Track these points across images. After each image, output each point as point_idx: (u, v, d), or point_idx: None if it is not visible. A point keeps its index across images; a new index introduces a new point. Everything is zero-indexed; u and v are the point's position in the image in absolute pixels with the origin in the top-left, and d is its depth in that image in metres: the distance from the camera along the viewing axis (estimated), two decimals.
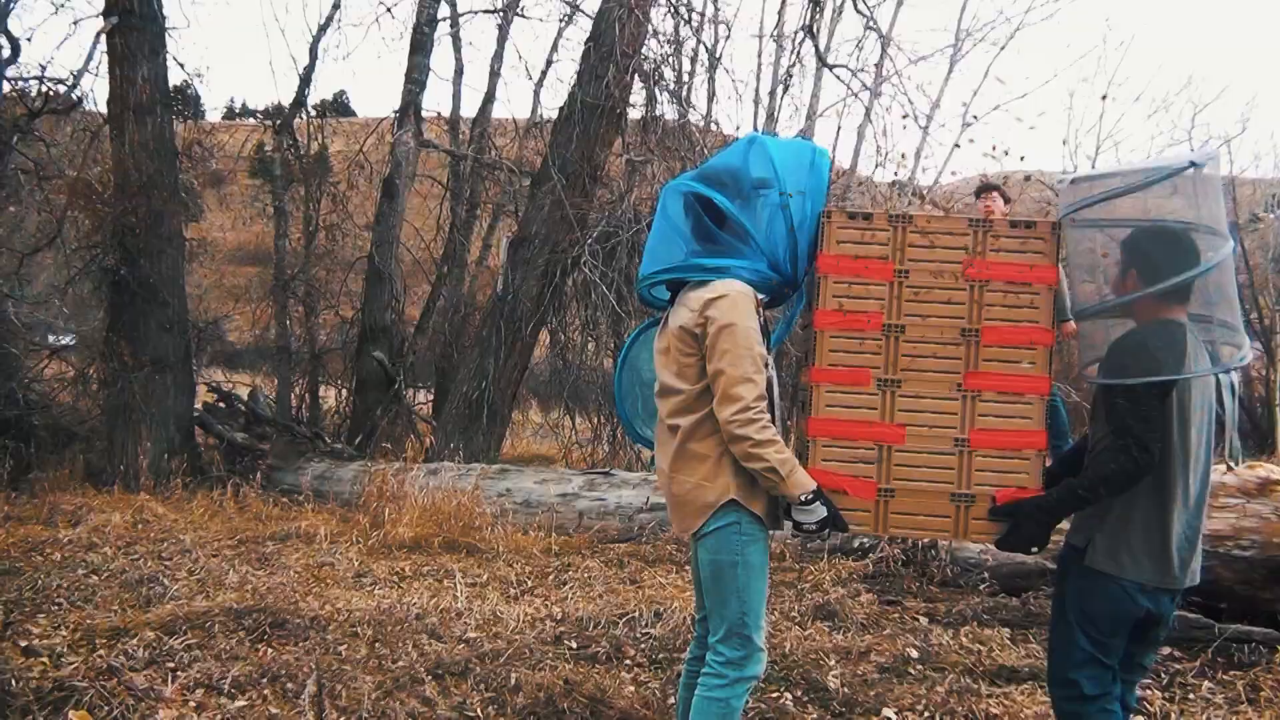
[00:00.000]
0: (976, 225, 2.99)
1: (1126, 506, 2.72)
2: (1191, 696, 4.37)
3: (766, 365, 2.87)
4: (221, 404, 11.84)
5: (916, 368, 2.98)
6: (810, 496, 2.80)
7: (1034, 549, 2.90)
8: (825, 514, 2.82)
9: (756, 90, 16.22)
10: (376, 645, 4.70)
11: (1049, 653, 2.99)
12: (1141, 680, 3.01)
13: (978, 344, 2.96)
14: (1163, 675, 4.54)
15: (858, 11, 12.18)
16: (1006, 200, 7.32)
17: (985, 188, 7.27)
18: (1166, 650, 4.77)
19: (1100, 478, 2.72)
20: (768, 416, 2.79)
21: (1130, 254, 2.76)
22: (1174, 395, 2.66)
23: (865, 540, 6.47)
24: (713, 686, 2.82)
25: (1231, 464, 5.40)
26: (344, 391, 13.76)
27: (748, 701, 4.13)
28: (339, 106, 33.75)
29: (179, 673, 4.25)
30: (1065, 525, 2.99)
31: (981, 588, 5.82)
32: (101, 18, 10.15)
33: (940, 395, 2.97)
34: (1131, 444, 2.63)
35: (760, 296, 2.96)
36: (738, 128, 14.34)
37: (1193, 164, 2.64)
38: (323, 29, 14.06)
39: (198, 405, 11.34)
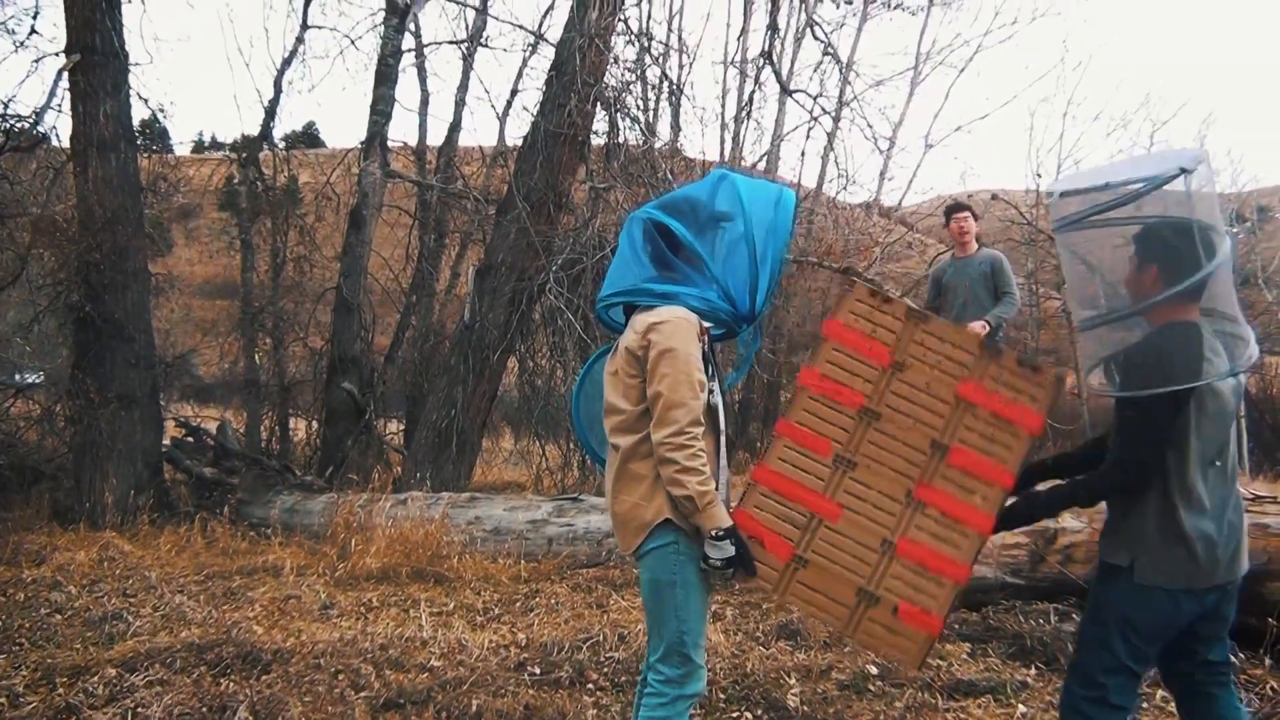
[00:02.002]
0: (988, 348, 2.99)
1: (1162, 517, 2.71)
2: (1146, 705, 4.44)
3: (710, 392, 2.92)
4: (190, 439, 11.77)
5: (877, 458, 2.96)
6: (721, 533, 2.82)
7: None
8: (733, 554, 2.83)
9: (722, 115, 16.48)
10: (339, 676, 4.71)
11: (1077, 649, 2.96)
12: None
13: (942, 460, 2.94)
14: None
15: (815, 38, 12.38)
16: (976, 218, 7.48)
17: (956, 208, 7.39)
18: None
19: (1092, 490, 2.81)
20: (700, 444, 2.83)
21: (1147, 250, 2.73)
22: (1192, 399, 2.65)
23: None
24: (654, 705, 2.87)
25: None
26: (314, 423, 13.68)
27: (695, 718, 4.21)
28: (309, 138, 33.76)
29: (139, 710, 4.24)
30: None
31: None
32: (63, 55, 10.15)
33: (888, 493, 2.95)
34: (1128, 459, 2.68)
35: (707, 325, 3.02)
36: (703, 153, 14.50)
37: (1183, 170, 2.62)
38: (287, 62, 14.10)
39: (166, 440, 11.27)
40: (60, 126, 30.24)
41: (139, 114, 11.33)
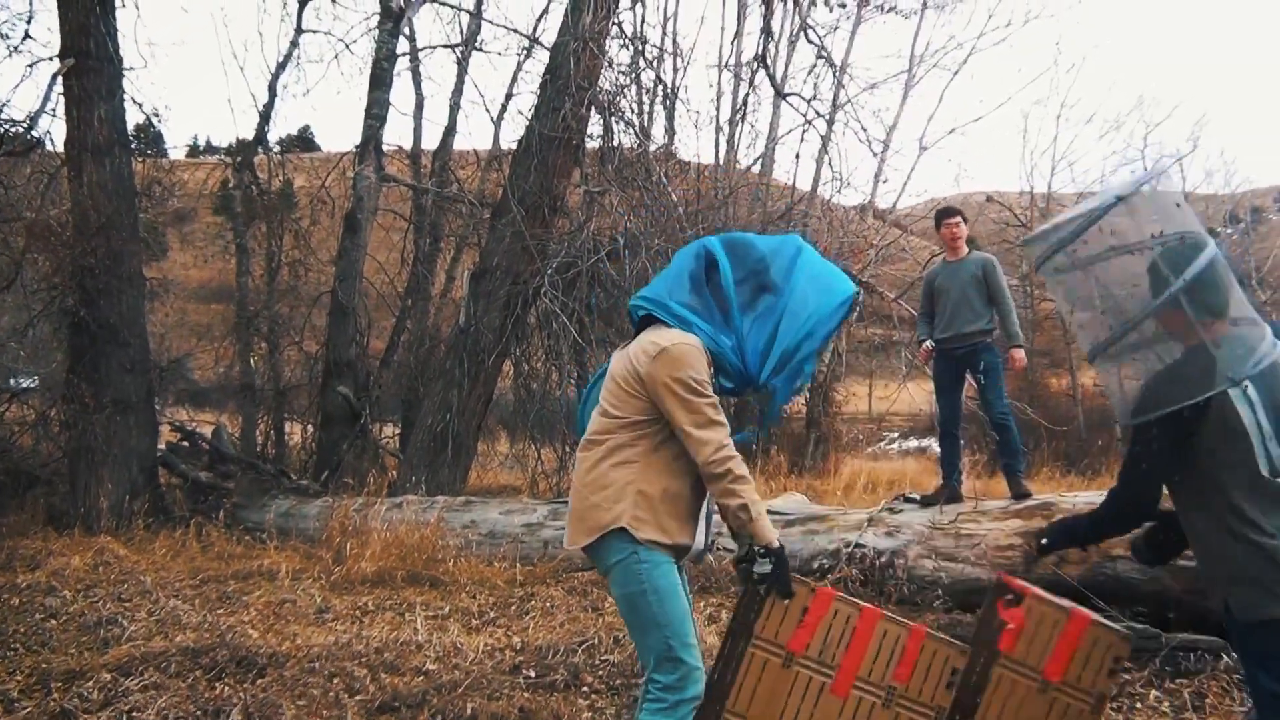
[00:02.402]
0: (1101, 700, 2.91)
1: (1236, 549, 2.56)
2: (1139, 705, 4.45)
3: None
4: (185, 443, 11.77)
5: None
6: (764, 550, 2.78)
7: None
8: (769, 571, 2.79)
9: (716, 119, 16.50)
10: (333, 680, 4.71)
11: None
12: None
13: None
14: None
15: (809, 41, 12.43)
16: (966, 221, 7.52)
17: (946, 212, 7.39)
18: None
19: (1094, 519, 2.80)
20: (737, 455, 2.82)
21: (1160, 288, 2.59)
22: (1214, 413, 2.52)
23: (824, 561, 6.54)
24: (654, 711, 2.85)
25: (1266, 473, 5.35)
26: (309, 427, 13.69)
27: None
28: (304, 142, 33.73)
29: (134, 714, 4.24)
30: None
31: (937, 605, 5.88)
32: (58, 60, 10.16)
33: None
34: (1122, 489, 2.67)
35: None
36: (697, 156, 14.53)
37: (1119, 198, 2.55)
38: (281, 66, 14.15)
39: (161, 445, 11.27)
40: (55, 131, 30.08)
41: (133, 118, 11.29)
